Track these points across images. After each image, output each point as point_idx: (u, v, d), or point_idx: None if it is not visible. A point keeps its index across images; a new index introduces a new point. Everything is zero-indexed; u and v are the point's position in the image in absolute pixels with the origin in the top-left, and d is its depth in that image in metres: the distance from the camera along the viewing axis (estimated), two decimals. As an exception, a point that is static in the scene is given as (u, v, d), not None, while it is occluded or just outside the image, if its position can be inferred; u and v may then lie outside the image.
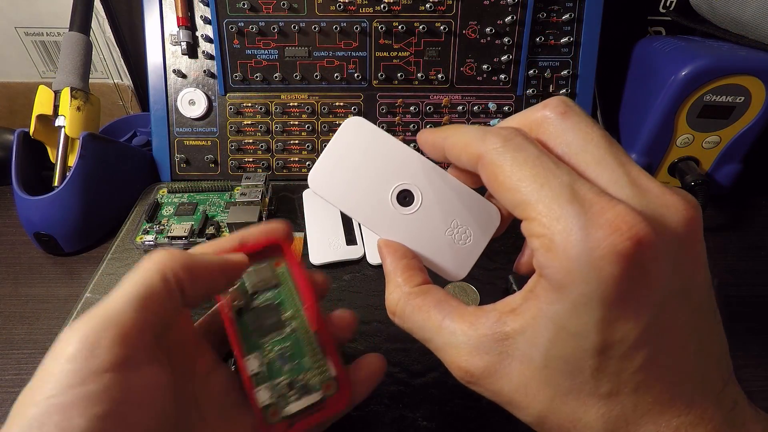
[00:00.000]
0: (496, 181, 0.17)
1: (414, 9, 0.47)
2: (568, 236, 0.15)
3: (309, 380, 0.23)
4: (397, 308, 0.21)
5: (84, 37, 0.44)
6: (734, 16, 0.44)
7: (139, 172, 0.49)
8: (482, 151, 0.18)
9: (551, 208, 0.15)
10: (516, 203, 0.17)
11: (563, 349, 0.16)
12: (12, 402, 0.29)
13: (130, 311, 0.18)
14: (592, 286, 0.15)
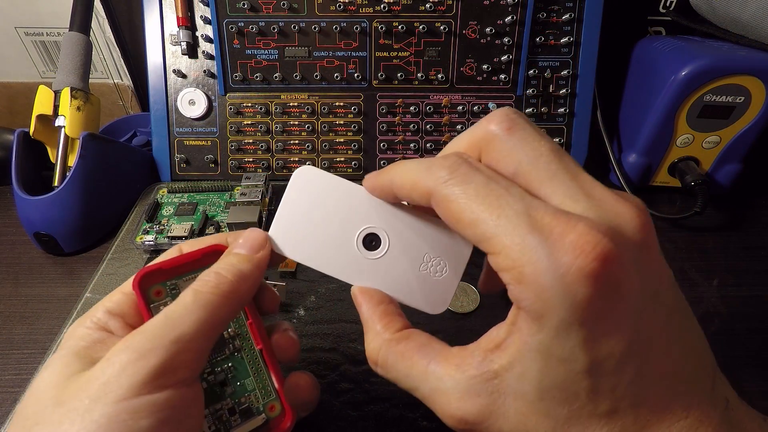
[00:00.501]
0: (453, 217, 0.17)
1: (414, 9, 0.47)
2: (536, 266, 0.15)
3: (252, 402, 0.22)
4: (379, 357, 0.20)
5: (84, 37, 0.44)
6: (734, 16, 0.44)
7: (139, 172, 0.49)
8: (430, 186, 0.17)
9: (513, 240, 0.15)
10: (477, 238, 0.17)
11: (555, 377, 0.16)
12: (12, 402, 0.30)
13: (203, 339, 0.19)
14: (569, 310, 0.15)
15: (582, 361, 0.15)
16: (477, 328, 0.34)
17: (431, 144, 0.51)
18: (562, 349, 0.15)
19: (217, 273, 0.20)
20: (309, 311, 0.36)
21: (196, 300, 0.19)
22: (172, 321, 0.18)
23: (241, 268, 0.20)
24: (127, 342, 0.17)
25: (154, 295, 0.21)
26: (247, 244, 0.22)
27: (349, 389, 0.30)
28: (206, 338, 0.19)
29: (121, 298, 0.21)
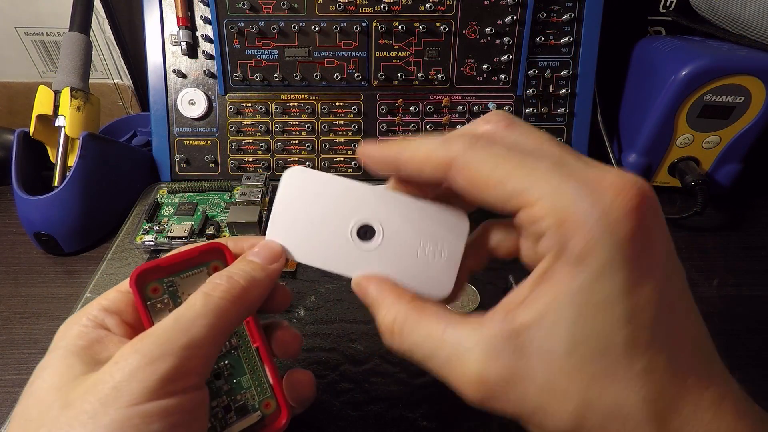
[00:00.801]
0: (478, 180, 0.17)
1: (414, 9, 0.47)
2: (577, 207, 0.15)
3: (248, 400, 0.22)
4: (395, 325, 0.19)
5: (84, 37, 0.44)
6: (734, 16, 0.44)
7: (139, 172, 0.49)
8: (452, 155, 0.17)
9: (550, 187, 0.15)
10: (507, 196, 0.16)
11: (590, 327, 0.15)
12: (12, 402, 0.29)
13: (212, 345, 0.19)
14: (612, 248, 0.14)
15: (621, 307, 0.15)
16: (477, 328, 0.34)
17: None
18: (600, 294, 0.15)
19: (229, 277, 0.20)
20: (309, 311, 0.36)
21: (206, 304, 0.19)
22: (182, 325, 0.18)
23: (254, 275, 0.20)
24: (136, 345, 0.17)
25: (151, 292, 0.21)
26: (263, 253, 0.21)
27: (349, 389, 0.30)
28: (215, 344, 0.19)
29: (117, 296, 0.21)
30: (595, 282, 0.15)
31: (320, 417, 0.29)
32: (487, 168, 0.16)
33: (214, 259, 0.22)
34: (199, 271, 0.22)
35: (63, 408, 0.16)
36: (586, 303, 0.15)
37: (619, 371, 0.15)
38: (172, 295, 0.21)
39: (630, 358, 0.15)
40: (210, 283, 0.20)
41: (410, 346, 0.18)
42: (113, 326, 0.20)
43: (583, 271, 0.15)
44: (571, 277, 0.15)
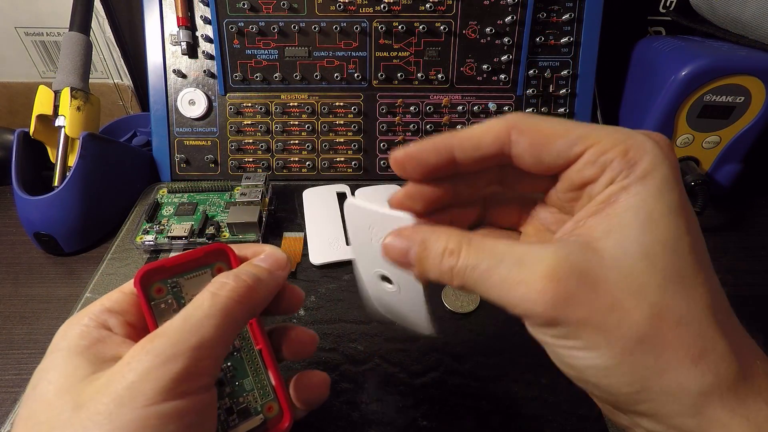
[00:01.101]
0: (543, 134, 0.18)
1: (414, 9, 0.47)
2: (637, 140, 0.17)
3: (250, 402, 0.22)
4: (451, 244, 0.18)
5: (84, 37, 0.44)
6: (734, 16, 0.44)
7: (139, 172, 0.49)
8: (512, 121, 0.18)
9: (607, 132, 0.17)
10: (572, 143, 0.18)
11: (660, 232, 0.16)
12: (12, 402, 0.29)
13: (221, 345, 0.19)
14: (668, 169, 0.17)
15: (682, 218, 0.16)
16: (477, 328, 0.34)
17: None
18: (664, 204, 0.16)
19: (236, 276, 0.20)
20: (309, 311, 0.36)
21: (215, 304, 0.19)
22: (192, 325, 0.18)
23: (260, 276, 0.21)
24: (147, 346, 0.17)
25: (155, 292, 0.21)
26: (269, 260, 0.22)
27: (349, 389, 0.30)
28: (224, 344, 0.19)
29: (120, 296, 0.21)
30: (659, 194, 0.16)
31: (320, 417, 0.29)
32: (550, 124, 0.18)
33: (219, 260, 0.22)
34: (203, 272, 0.22)
35: (75, 410, 0.16)
36: (652, 211, 0.16)
37: (687, 277, 0.16)
38: (176, 296, 0.21)
39: (694, 266, 0.16)
40: (217, 282, 0.20)
41: (466, 263, 0.18)
42: (116, 326, 0.20)
43: (649, 184, 0.16)
44: (638, 191, 0.16)
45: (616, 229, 0.16)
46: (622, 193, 0.17)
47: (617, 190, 0.17)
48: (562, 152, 0.18)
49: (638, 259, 0.16)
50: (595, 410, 0.29)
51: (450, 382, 0.31)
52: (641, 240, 0.16)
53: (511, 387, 0.31)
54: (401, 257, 0.19)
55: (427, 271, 0.19)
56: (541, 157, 0.18)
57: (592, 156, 0.17)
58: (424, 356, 0.33)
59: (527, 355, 0.32)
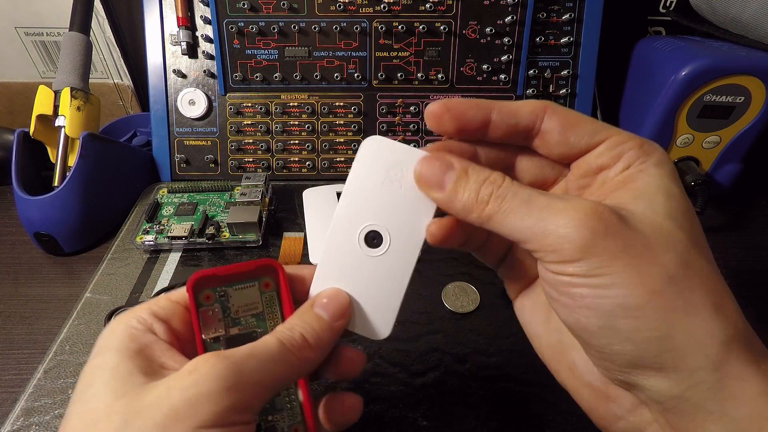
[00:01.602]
0: (570, 120, 0.20)
1: (414, 9, 0.47)
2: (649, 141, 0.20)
3: (278, 422, 0.22)
4: (505, 178, 0.19)
5: (84, 37, 0.44)
6: (734, 16, 0.44)
7: (139, 172, 0.49)
8: (547, 103, 0.21)
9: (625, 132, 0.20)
10: (594, 132, 0.20)
11: (678, 205, 0.18)
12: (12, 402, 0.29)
13: (271, 392, 0.19)
14: (670, 165, 0.19)
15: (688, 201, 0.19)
16: (477, 328, 0.34)
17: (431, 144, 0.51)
18: (675, 188, 0.19)
19: (304, 338, 0.20)
20: (309, 311, 0.36)
21: (282, 351, 0.19)
22: (257, 363, 0.18)
23: (321, 337, 0.20)
24: (216, 366, 0.17)
25: (203, 299, 0.21)
26: (331, 308, 0.21)
27: (349, 389, 0.30)
28: (274, 391, 0.19)
29: (167, 304, 0.21)
30: (673, 178, 0.19)
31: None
32: (576, 114, 0.21)
33: (267, 275, 0.22)
34: (251, 284, 0.22)
35: (131, 416, 0.16)
36: (670, 187, 0.18)
37: (700, 244, 0.18)
38: (223, 305, 0.21)
39: (703, 236, 0.18)
40: (283, 333, 0.20)
41: (507, 190, 0.19)
42: (161, 332, 0.20)
43: (663, 169, 0.19)
44: (655, 175, 0.19)
45: (642, 197, 0.18)
46: (640, 174, 0.19)
47: (635, 172, 0.19)
48: (587, 135, 0.20)
49: (666, 219, 0.18)
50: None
51: (450, 382, 0.31)
52: (667, 205, 0.18)
53: (511, 387, 0.31)
54: (436, 177, 0.20)
55: (460, 194, 0.19)
56: (567, 136, 0.20)
57: (612, 143, 0.20)
58: (424, 356, 0.33)
59: (527, 355, 0.32)
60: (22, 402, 0.30)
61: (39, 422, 0.29)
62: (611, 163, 0.19)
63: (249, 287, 0.22)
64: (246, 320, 0.21)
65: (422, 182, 0.20)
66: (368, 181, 0.21)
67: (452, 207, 0.20)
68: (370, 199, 0.21)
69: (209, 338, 0.20)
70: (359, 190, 0.21)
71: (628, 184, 0.19)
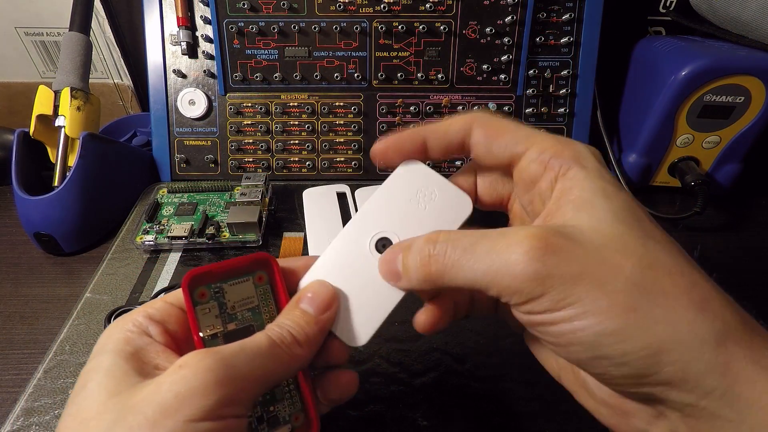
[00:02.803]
0: (497, 129, 0.21)
1: (414, 9, 0.47)
2: (568, 142, 0.20)
3: (279, 411, 0.22)
4: (441, 233, 0.20)
5: (84, 37, 0.44)
6: (734, 16, 0.44)
7: (139, 172, 0.49)
8: (475, 116, 0.21)
9: (546, 137, 0.20)
10: (518, 139, 0.20)
11: (619, 202, 0.18)
12: (12, 402, 0.29)
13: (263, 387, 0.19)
14: (597, 160, 0.20)
15: (625, 192, 0.18)
16: (477, 328, 0.34)
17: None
18: (607, 183, 0.18)
19: (291, 335, 0.20)
20: (309, 311, 0.36)
21: (271, 346, 0.19)
22: (247, 357, 0.18)
23: (308, 333, 0.20)
24: (204, 361, 0.17)
25: (198, 296, 0.21)
26: (316, 301, 0.21)
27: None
28: (265, 387, 0.19)
29: (162, 306, 0.21)
30: (601, 176, 0.19)
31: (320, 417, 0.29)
32: (504, 123, 0.21)
33: (260, 269, 0.22)
34: (245, 279, 0.22)
35: (122, 414, 0.16)
36: (604, 187, 0.18)
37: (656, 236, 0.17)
38: (219, 301, 0.21)
39: (656, 228, 0.18)
40: (274, 329, 0.20)
41: (447, 243, 0.19)
42: (156, 335, 0.20)
43: (589, 170, 0.19)
44: (585, 176, 0.18)
45: (582, 207, 0.18)
46: (571, 182, 0.19)
47: (566, 182, 0.19)
48: (509, 146, 0.21)
49: (613, 222, 0.17)
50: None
51: (450, 382, 0.31)
52: (609, 207, 0.17)
53: (511, 387, 0.31)
54: (391, 269, 0.21)
55: (409, 270, 0.20)
56: (491, 148, 0.21)
57: (533, 154, 0.20)
58: (424, 356, 0.33)
59: (527, 355, 0.32)
60: (22, 402, 0.30)
61: (39, 422, 0.29)
62: (539, 173, 0.20)
63: (244, 282, 0.22)
64: (242, 315, 0.22)
65: (386, 279, 0.22)
66: (398, 194, 0.23)
67: (411, 284, 0.20)
68: (394, 209, 0.23)
69: (207, 335, 0.21)
70: (388, 198, 0.23)
71: (564, 196, 0.19)
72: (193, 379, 0.17)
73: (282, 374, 0.20)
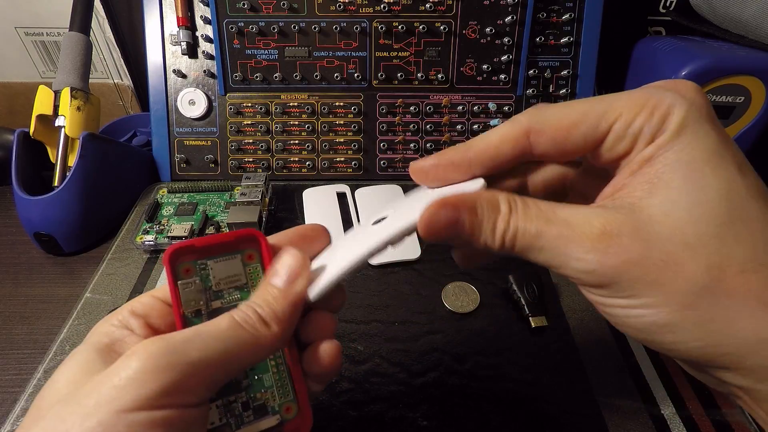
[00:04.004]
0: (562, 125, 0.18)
1: (414, 9, 0.47)
2: (660, 98, 0.17)
3: (267, 400, 0.21)
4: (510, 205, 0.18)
5: (84, 37, 0.44)
6: (734, 16, 0.44)
7: (139, 172, 0.49)
8: (524, 123, 0.18)
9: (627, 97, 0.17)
10: (595, 123, 0.17)
11: (706, 180, 0.16)
12: (12, 402, 0.29)
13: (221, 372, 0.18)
14: (698, 113, 0.16)
15: (725, 159, 0.16)
16: (477, 328, 0.34)
17: (431, 144, 0.51)
18: (702, 151, 0.16)
19: (257, 313, 0.19)
20: (309, 311, 0.36)
21: (233, 335, 0.18)
22: (201, 341, 0.17)
23: (276, 308, 0.19)
24: (147, 348, 0.16)
25: (183, 272, 0.20)
26: (283, 273, 0.20)
27: (349, 389, 0.30)
28: (225, 372, 0.18)
29: (148, 300, 0.21)
30: (696, 142, 0.16)
31: (320, 417, 0.29)
32: (566, 113, 0.18)
33: (249, 247, 0.21)
34: (233, 257, 0.21)
35: (67, 401, 0.16)
36: (692, 161, 0.16)
37: (748, 220, 0.15)
38: (204, 279, 0.20)
39: (755, 206, 0.15)
40: (243, 311, 0.19)
41: (516, 226, 0.17)
42: (137, 327, 0.20)
43: (683, 136, 0.16)
44: (674, 146, 0.16)
45: (658, 186, 0.16)
46: (658, 152, 0.16)
47: (653, 150, 0.16)
48: (588, 136, 0.17)
49: (688, 210, 0.15)
50: (595, 410, 0.29)
51: (450, 382, 0.31)
52: (688, 190, 0.15)
53: (511, 387, 0.31)
54: (450, 226, 0.18)
55: (480, 236, 0.18)
56: (566, 150, 0.18)
57: (620, 130, 0.17)
58: (424, 356, 0.33)
59: (527, 355, 0.32)
60: (22, 402, 0.30)
61: (39, 422, 0.29)
62: (629, 149, 0.17)
63: (231, 259, 0.21)
64: (229, 293, 0.21)
65: (440, 232, 0.18)
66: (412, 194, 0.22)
67: (481, 245, 0.18)
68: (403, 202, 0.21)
69: (190, 312, 0.20)
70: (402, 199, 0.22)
71: (644, 167, 0.17)
72: (132, 367, 0.16)
73: (248, 358, 0.18)
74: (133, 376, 0.16)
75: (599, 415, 0.29)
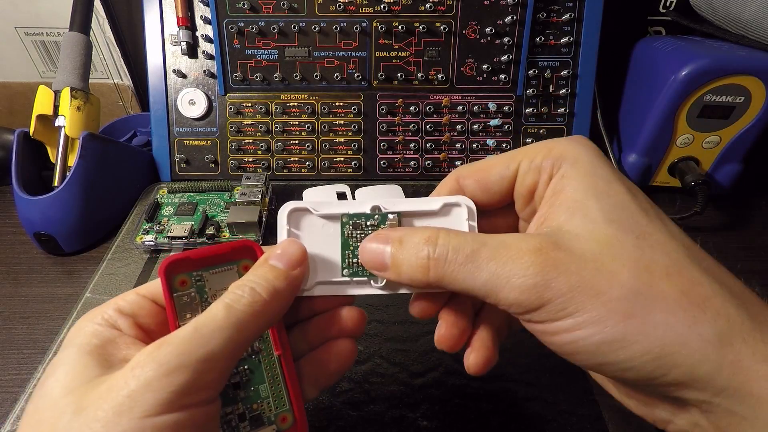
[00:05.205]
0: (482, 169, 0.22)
1: (414, 9, 0.47)
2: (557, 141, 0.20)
3: (264, 411, 0.21)
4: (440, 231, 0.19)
5: (84, 37, 0.44)
6: (734, 15, 0.44)
7: (139, 172, 0.49)
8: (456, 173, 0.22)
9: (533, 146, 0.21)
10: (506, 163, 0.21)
11: (610, 199, 0.18)
12: (12, 402, 0.29)
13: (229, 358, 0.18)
14: (590, 151, 0.19)
15: (620, 184, 0.18)
16: (477, 328, 0.34)
17: (431, 144, 0.51)
18: (600, 177, 0.18)
19: (252, 289, 0.19)
20: (309, 311, 0.36)
21: (228, 316, 0.18)
22: (202, 337, 0.17)
23: (275, 285, 0.19)
24: (154, 354, 0.16)
25: (179, 284, 0.20)
26: (285, 257, 0.20)
27: (349, 389, 0.30)
28: (233, 358, 0.18)
29: (134, 298, 0.20)
30: (593, 170, 0.18)
31: (320, 417, 0.29)
32: (484, 160, 0.21)
33: (245, 258, 0.21)
34: (229, 268, 0.21)
35: (76, 413, 0.16)
36: (596, 184, 0.18)
37: (654, 233, 0.17)
38: (200, 290, 0.20)
39: (654, 223, 0.17)
40: (232, 293, 0.19)
41: (447, 246, 0.18)
42: (126, 328, 0.20)
43: (580, 166, 0.19)
44: (575, 174, 0.18)
45: (574, 209, 0.18)
46: (562, 182, 0.19)
47: (558, 182, 0.19)
48: (503, 174, 0.21)
49: (606, 225, 0.17)
50: (595, 410, 0.29)
51: (450, 382, 0.31)
52: (600, 208, 0.17)
53: (511, 387, 0.31)
54: (377, 258, 0.20)
55: (401, 266, 0.19)
56: (488, 187, 0.21)
57: (525, 166, 0.20)
58: (424, 356, 0.33)
59: (527, 355, 0.32)
60: (22, 402, 0.30)
61: (39, 422, 0.29)
62: (534, 181, 0.20)
63: (227, 270, 0.21)
64: None
65: (368, 264, 0.21)
66: None
67: (400, 280, 0.20)
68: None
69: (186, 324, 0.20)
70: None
71: (556, 197, 0.19)
72: (143, 375, 0.16)
73: (250, 336, 0.19)
74: (147, 382, 0.16)
75: (599, 416, 0.29)
